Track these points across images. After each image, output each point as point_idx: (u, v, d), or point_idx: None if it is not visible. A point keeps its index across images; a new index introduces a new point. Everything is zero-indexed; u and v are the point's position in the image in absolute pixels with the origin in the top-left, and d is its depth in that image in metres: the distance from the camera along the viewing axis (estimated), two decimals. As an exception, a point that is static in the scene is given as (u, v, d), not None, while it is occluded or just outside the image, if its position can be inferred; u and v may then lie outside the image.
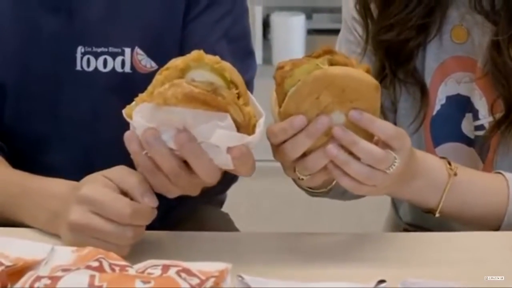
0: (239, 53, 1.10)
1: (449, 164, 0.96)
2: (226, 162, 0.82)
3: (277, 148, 0.86)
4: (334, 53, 0.86)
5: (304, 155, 0.86)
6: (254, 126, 0.83)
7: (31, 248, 0.84)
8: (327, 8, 3.89)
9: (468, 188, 0.97)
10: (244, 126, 0.82)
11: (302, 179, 0.89)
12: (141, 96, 0.83)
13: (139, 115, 0.81)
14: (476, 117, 1.08)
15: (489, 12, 1.03)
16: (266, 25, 3.76)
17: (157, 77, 0.83)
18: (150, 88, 0.83)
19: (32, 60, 1.07)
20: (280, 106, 0.85)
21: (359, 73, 0.85)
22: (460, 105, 1.09)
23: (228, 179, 1.01)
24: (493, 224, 0.99)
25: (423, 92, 1.09)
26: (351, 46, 1.16)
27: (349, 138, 0.84)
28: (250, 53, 1.15)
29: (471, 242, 0.96)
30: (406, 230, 1.21)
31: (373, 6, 1.09)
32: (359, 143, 0.84)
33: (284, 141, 0.85)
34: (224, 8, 1.11)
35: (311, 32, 3.64)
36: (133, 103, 0.84)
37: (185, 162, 0.83)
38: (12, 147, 1.09)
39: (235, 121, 0.81)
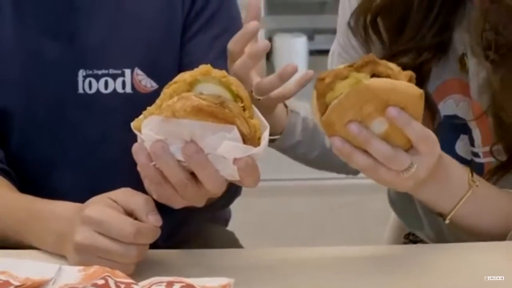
0: None
1: (471, 174, 0.97)
2: (232, 173, 0.84)
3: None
4: (376, 63, 0.85)
5: None
6: (259, 138, 0.84)
7: (40, 269, 0.86)
8: (328, 29, 3.91)
9: (483, 201, 0.98)
10: (250, 138, 0.83)
11: None
12: (149, 109, 0.85)
13: (148, 127, 0.83)
14: (472, 144, 1.09)
15: (484, 45, 1.02)
16: (269, 47, 3.80)
17: (165, 91, 0.84)
18: (158, 101, 0.84)
19: (36, 87, 1.09)
20: (321, 113, 0.86)
21: (402, 85, 0.84)
22: (456, 126, 1.10)
23: (231, 193, 1.02)
24: (498, 236, 0.99)
25: (434, 114, 1.09)
26: (339, 58, 1.17)
27: (363, 136, 0.84)
28: None
29: (471, 253, 0.97)
30: (408, 236, 1.23)
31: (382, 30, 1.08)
32: (372, 140, 0.85)
33: None
34: (221, 27, 1.13)
35: (313, 53, 3.67)
36: (141, 116, 0.85)
37: (192, 174, 0.85)
38: (19, 172, 1.11)
39: (241, 133, 0.82)
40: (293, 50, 3.67)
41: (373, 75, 0.85)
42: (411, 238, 1.26)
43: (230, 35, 1.13)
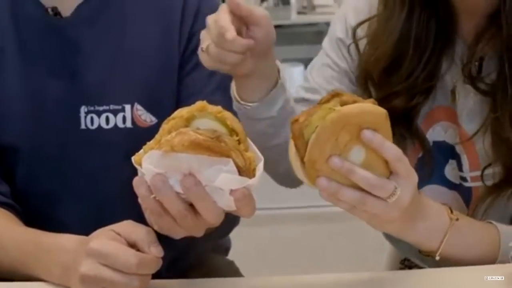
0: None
1: (451, 211, 0.99)
2: (229, 204, 0.87)
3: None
4: (341, 95, 0.89)
5: None
6: (254, 169, 0.87)
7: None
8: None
9: (467, 233, 1.00)
10: (245, 170, 0.86)
11: None
12: (149, 144, 0.88)
13: (148, 161, 0.86)
14: (460, 169, 1.12)
15: (475, 79, 1.06)
16: (267, 76, 3.83)
17: (164, 126, 0.88)
18: (157, 136, 0.87)
19: (41, 124, 1.12)
20: (301, 158, 0.88)
21: (369, 106, 0.88)
22: (445, 151, 1.13)
23: (229, 222, 1.05)
24: (487, 262, 1.01)
25: (422, 143, 1.12)
26: (326, 69, 1.19)
27: (346, 167, 0.87)
28: None
29: (466, 278, 0.98)
30: (404, 261, 1.26)
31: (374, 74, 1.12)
32: (355, 170, 0.87)
33: None
34: None
35: (310, 81, 3.72)
36: (141, 151, 0.88)
37: (191, 205, 0.87)
38: (24, 205, 1.14)
39: (237, 165, 0.85)
40: (291, 79, 3.71)
41: (342, 105, 0.88)
42: (406, 264, 1.28)
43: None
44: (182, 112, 0.88)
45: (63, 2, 1.13)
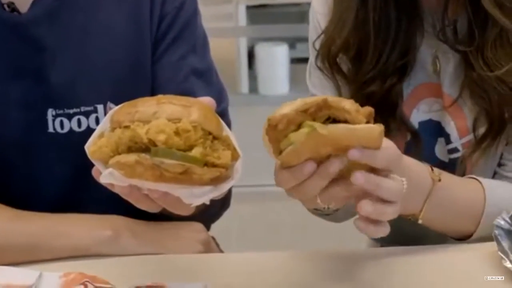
0: (210, 86, 1.11)
1: (431, 169, 0.98)
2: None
3: (291, 189, 0.83)
4: (330, 107, 0.78)
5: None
6: (232, 165, 0.80)
7: (20, 274, 0.88)
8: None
9: (450, 193, 0.99)
10: (222, 177, 0.79)
11: (328, 208, 0.90)
12: (104, 142, 0.80)
13: (109, 177, 0.79)
14: (448, 141, 1.12)
15: (452, 41, 1.06)
16: (251, 55, 3.81)
17: (119, 133, 0.78)
18: (113, 135, 0.79)
19: (3, 128, 1.06)
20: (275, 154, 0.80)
21: (361, 130, 0.78)
22: (432, 130, 1.12)
23: (221, 207, 1.02)
24: (470, 227, 1.01)
25: (411, 132, 1.11)
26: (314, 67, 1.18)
27: (372, 182, 0.82)
28: (219, 83, 1.16)
29: (466, 278, 0.95)
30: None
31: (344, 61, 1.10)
32: (381, 183, 0.83)
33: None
34: (187, 46, 1.11)
35: (294, 61, 3.70)
36: (94, 139, 0.82)
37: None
38: None
39: (213, 178, 0.78)
40: (275, 58, 3.69)
41: (328, 118, 0.79)
42: (389, 240, 1.28)
43: (197, 53, 1.12)
44: (141, 130, 0.77)
45: None
